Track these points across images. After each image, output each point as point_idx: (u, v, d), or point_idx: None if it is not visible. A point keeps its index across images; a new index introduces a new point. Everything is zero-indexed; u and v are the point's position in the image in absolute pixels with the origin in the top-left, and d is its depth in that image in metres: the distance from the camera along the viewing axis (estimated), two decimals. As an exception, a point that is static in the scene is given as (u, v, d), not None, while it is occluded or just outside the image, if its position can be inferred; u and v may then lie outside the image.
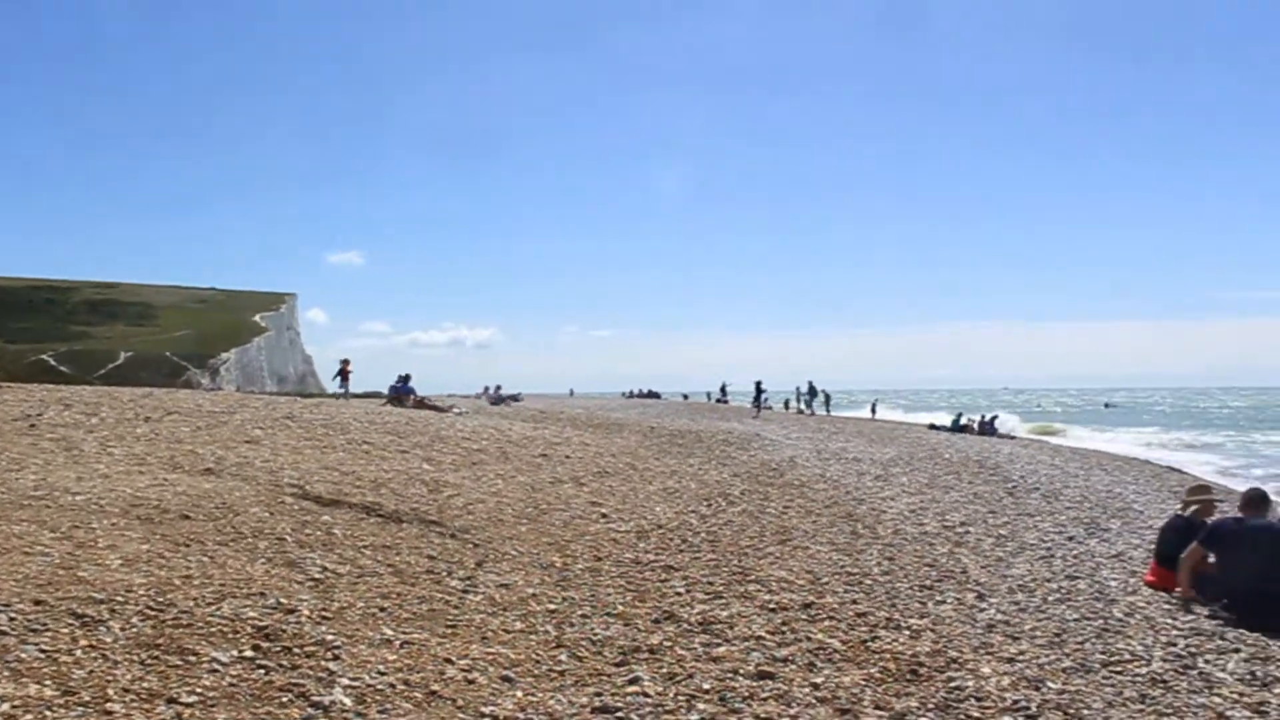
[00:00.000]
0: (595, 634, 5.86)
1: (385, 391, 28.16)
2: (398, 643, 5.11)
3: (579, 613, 6.34)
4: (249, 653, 4.55)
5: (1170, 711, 5.27)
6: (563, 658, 5.36)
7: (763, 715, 4.66)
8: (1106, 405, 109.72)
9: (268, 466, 10.22)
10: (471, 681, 4.74)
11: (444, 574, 6.83)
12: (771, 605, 6.88)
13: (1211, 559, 8.08)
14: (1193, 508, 9.15)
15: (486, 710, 4.41)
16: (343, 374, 31.51)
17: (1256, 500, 8.29)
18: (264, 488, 8.83)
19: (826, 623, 6.50)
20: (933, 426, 40.85)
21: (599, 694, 4.81)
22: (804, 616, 6.63)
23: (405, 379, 27.45)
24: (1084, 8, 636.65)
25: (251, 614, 5.05)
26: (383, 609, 5.70)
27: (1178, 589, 8.23)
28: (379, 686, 4.42)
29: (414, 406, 24.95)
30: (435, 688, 4.56)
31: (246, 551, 6.49)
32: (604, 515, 10.35)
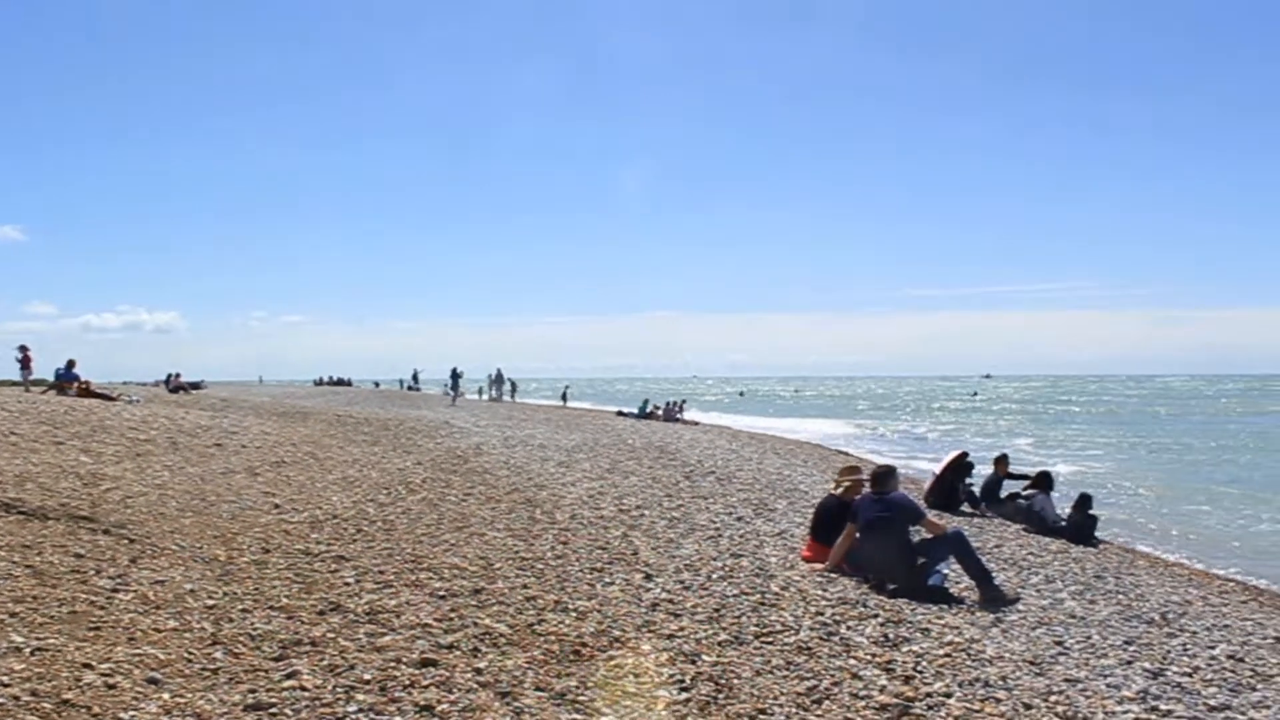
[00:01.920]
0: (255, 629, 5.59)
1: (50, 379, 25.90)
2: (28, 650, 4.66)
3: (240, 607, 6.02)
4: None
5: (810, 675, 5.65)
6: (218, 655, 5.07)
7: (423, 703, 4.61)
8: (796, 391, 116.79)
9: (-111, 461, 9.09)
10: (112, 686, 4.40)
11: (91, 573, 6.29)
12: (442, 592, 6.82)
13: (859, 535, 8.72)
14: (843, 486, 9.80)
15: (126, 716, 4.11)
16: (23, 360, 28.74)
17: (882, 476, 9.00)
18: (-118, 485, 7.84)
19: (495, 608, 6.52)
20: (620, 413, 41.92)
21: (253, 691, 4.60)
22: (474, 602, 6.62)
23: (69, 365, 25.36)
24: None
25: None
26: (14, 614, 5.18)
27: (829, 563, 8.83)
28: (0, 700, 4.02)
29: (79, 394, 22.98)
30: (69, 696, 4.20)
31: None
32: (277, 506, 9.91)
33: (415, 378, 69.23)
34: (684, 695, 5.09)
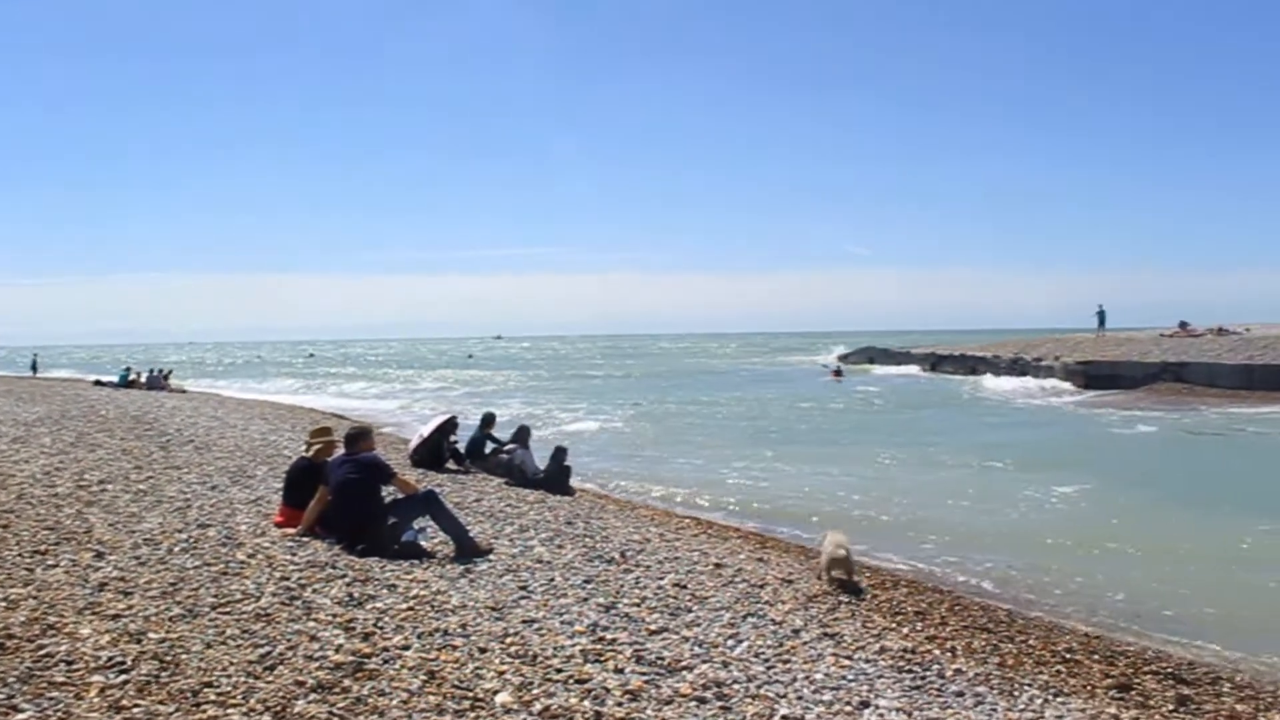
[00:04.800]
0: None
1: None
2: None
3: None
4: None
5: (266, 642, 5.43)
6: None
7: None
8: (310, 355, 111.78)
9: None
10: None
11: None
12: None
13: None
14: (315, 448, 9.50)
15: None
16: None
17: (353, 437, 8.86)
18: None
19: (-103, 610, 5.56)
20: (99, 383, 38.54)
21: None
22: None
23: None
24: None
25: None
26: None
27: (301, 527, 8.54)
28: None
29: None
30: None
31: None
32: None
33: None
34: (122, 678, 4.67)
